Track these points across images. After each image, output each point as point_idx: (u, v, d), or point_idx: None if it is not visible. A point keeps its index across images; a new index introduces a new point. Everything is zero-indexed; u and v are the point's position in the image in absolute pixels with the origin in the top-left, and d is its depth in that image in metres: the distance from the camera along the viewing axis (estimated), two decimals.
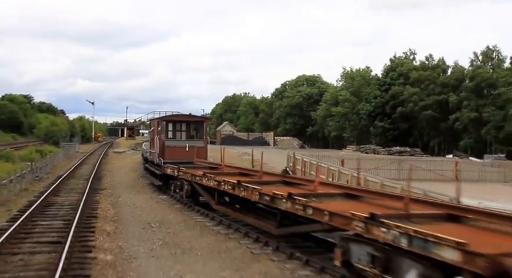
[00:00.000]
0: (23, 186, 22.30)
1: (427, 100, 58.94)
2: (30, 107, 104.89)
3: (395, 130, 64.11)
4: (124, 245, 11.96)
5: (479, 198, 16.33)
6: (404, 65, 66.70)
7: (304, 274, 9.74)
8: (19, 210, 15.98)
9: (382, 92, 67.37)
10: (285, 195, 10.65)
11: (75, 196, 19.65)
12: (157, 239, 12.76)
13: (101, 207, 17.55)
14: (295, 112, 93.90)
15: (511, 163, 39.10)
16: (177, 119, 23.93)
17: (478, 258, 6.05)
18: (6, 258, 10.03)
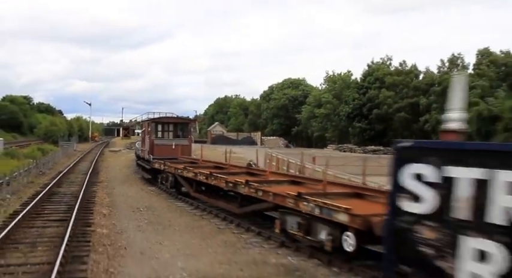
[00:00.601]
0: (30, 179, 24.62)
1: (401, 103, 61.90)
2: (29, 108, 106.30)
3: (372, 130, 67.03)
4: (117, 223, 14.40)
5: None
6: (380, 70, 69.68)
7: (255, 240, 12.31)
8: (28, 197, 18.34)
9: (360, 95, 70.27)
10: (244, 181, 13.24)
11: (75, 187, 22.00)
12: (143, 219, 15.23)
13: (98, 196, 19.96)
14: (281, 114, 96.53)
15: None
16: (165, 121, 26.38)
17: (357, 218, 8.67)
18: (25, 230, 12.47)
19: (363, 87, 70.48)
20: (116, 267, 9.75)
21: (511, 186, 3.07)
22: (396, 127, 63.69)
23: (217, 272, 9.63)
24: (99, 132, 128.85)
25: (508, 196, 3.08)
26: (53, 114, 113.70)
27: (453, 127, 6.48)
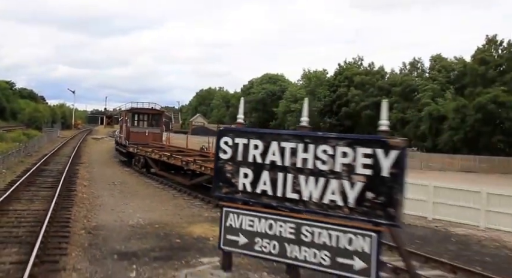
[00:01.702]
0: (20, 159, 28.34)
1: (367, 101, 66.49)
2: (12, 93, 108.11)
3: (341, 126, 71.55)
4: (94, 191, 18.42)
5: None
6: (349, 69, 74.19)
7: (198, 203, 16.52)
8: (21, 172, 22.15)
9: (331, 92, 74.75)
10: (193, 160, 17.38)
11: (60, 166, 25.81)
12: (116, 190, 19.27)
13: (80, 173, 23.87)
14: (259, 108, 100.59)
15: (421, 154, 46.83)
16: (141, 111, 30.24)
17: None
18: (23, 192, 16.42)
19: (334, 85, 74.99)
20: (92, 215, 13.82)
21: (254, 147, 7.38)
22: (363, 124, 68.30)
23: (164, 219, 13.76)
24: (82, 120, 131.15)
25: (254, 150, 7.39)
26: (36, 100, 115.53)
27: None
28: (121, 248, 10.26)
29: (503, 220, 14.24)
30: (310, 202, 7.19)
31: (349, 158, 6.91)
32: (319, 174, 7.12)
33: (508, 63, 47.40)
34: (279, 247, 7.35)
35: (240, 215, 7.76)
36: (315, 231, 7.06)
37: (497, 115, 42.61)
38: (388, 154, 6.66)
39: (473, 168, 40.88)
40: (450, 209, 15.41)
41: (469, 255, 11.53)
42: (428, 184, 16.25)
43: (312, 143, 7.30)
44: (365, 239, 6.65)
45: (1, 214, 12.43)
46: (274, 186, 7.50)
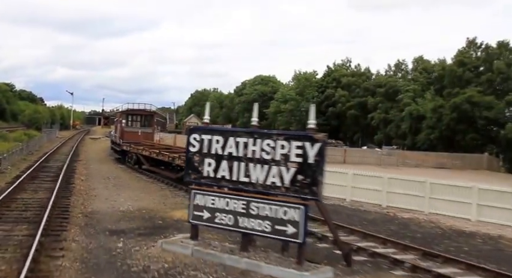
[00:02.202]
0: (22, 157, 30.09)
1: (352, 101, 68.55)
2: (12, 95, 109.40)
3: (328, 125, 73.54)
4: (91, 184, 20.23)
5: None
6: (337, 71, 76.26)
7: (182, 194, 18.31)
8: (25, 168, 23.94)
9: (319, 93, 76.77)
10: (178, 156, 19.26)
11: (60, 163, 27.57)
12: (110, 183, 21.09)
13: (78, 169, 25.67)
14: (251, 108, 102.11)
15: (399, 152, 48.81)
16: (134, 112, 32.05)
17: None
18: (28, 184, 18.23)
19: (322, 86, 77.02)
20: (88, 203, 15.67)
21: (216, 142, 9.31)
22: (348, 124, 70.39)
23: (150, 206, 15.62)
24: (80, 121, 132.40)
25: (216, 144, 9.32)
26: (35, 101, 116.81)
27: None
28: (112, 227, 12.12)
29: (443, 206, 16.25)
30: (257, 184, 9.13)
31: (286, 149, 8.85)
32: (264, 162, 9.05)
33: (484, 64, 49.53)
34: (234, 219, 9.28)
35: (205, 195, 9.69)
36: (260, 206, 8.99)
37: (471, 114, 44.69)
38: (313, 146, 8.60)
39: (447, 164, 42.92)
40: (401, 197, 17.40)
41: (405, 232, 13.49)
42: (383, 176, 18.24)
43: (259, 138, 9.25)
44: (295, 211, 8.59)
45: (11, 201, 14.27)
46: (230, 172, 9.44)
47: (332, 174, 19.26)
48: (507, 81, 44.86)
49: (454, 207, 15.99)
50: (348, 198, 18.78)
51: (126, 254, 9.60)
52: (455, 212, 15.90)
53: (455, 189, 16.37)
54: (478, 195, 15.53)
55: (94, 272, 8.34)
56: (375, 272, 9.35)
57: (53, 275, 7.93)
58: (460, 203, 15.87)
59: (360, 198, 18.49)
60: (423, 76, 55.03)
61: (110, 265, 8.84)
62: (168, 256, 9.38)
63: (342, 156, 41.58)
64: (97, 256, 9.42)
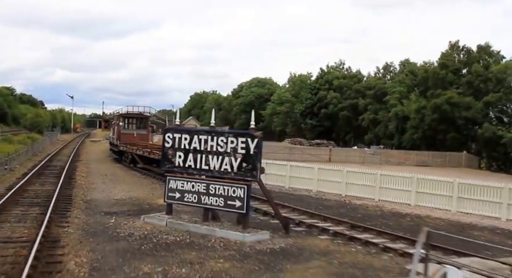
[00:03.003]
0: (28, 158, 33.24)
1: (344, 103, 71.54)
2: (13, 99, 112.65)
3: (321, 126, 76.66)
4: (90, 180, 23.32)
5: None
6: (330, 74, 79.33)
7: None
8: (31, 167, 27.04)
9: (312, 95, 79.80)
10: None
11: (62, 163, 30.69)
12: (107, 179, 24.17)
13: (79, 168, 28.77)
14: (248, 110, 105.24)
15: (383, 151, 51.74)
16: (130, 116, 35.12)
17: None
18: (36, 179, 21.34)
19: (315, 88, 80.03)
20: (87, 194, 18.74)
21: (184, 139, 12.33)
22: (340, 124, 73.38)
23: (140, 196, 18.67)
24: (80, 124, 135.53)
25: (184, 141, 12.38)
26: (35, 105, 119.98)
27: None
28: (106, 210, 15.17)
29: (389, 194, 19.26)
30: (214, 170, 12.19)
31: (234, 144, 11.91)
32: (219, 154, 12.11)
33: (465, 67, 52.48)
34: (197, 197, 12.34)
35: (176, 180, 12.75)
36: (216, 187, 12.04)
37: (451, 115, 47.58)
38: (253, 141, 11.67)
39: (428, 162, 45.80)
40: (357, 187, 20.43)
41: (350, 214, 16.52)
42: (342, 170, 21.28)
43: (215, 136, 12.32)
44: (241, 190, 11.64)
45: (24, 191, 17.38)
46: (195, 162, 12.50)
47: (300, 169, 22.49)
48: (485, 83, 47.76)
49: (398, 194, 19.01)
50: (314, 189, 21.82)
51: (117, 226, 12.65)
52: (398, 198, 18.94)
53: (399, 179, 19.39)
54: (417, 184, 18.54)
55: (91, 236, 11.38)
56: (304, 236, 12.39)
57: (61, 237, 10.99)
58: (402, 191, 18.90)
59: (324, 189, 21.52)
60: (409, 78, 57.96)
61: (104, 232, 11.89)
62: (148, 226, 12.44)
63: (328, 155, 44.55)
64: (94, 227, 12.47)
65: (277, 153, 43.28)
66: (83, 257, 9.47)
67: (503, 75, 46.32)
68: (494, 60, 50.42)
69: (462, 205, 17.29)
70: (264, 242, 11.28)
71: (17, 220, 12.65)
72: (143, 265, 9.14)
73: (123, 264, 9.15)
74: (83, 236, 11.29)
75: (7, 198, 15.22)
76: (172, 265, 9.18)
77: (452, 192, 17.48)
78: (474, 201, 17.00)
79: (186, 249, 10.49)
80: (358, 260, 10.34)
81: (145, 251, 10.24)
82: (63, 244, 10.43)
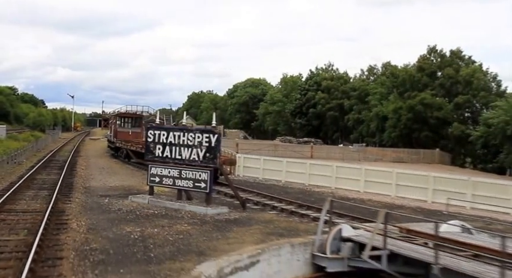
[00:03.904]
0: (33, 153, 36.37)
1: (331, 103, 74.70)
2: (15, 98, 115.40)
3: (310, 125, 79.81)
4: (89, 172, 26.47)
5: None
6: (319, 75, 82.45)
7: None
8: (37, 161, 30.18)
9: (302, 96, 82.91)
10: None
11: (64, 158, 33.82)
12: (104, 171, 27.31)
13: (79, 162, 31.91)
14: (242, 109, 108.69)
15: (364, 148, 54.93)
16: (126, 115, 38.25)
17: None
18: (42, 170, 24.49)
19: (304, 89, 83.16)
20: (86, 182, 21.89)
21: (162, 135, 15.47)
22: (328, 123, 76.55)
23: (131, 184, 21.80)
24: (81, 123, 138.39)
25: (162, 136, 15.53)
26: (37, 104, 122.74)
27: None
28: (102, 193, 18.30)
29: (344, 182, 22.44)
30: (185, 159, 15.36)
31: (200, 139, 15.08)
32: (189, 146, 15.28)
33: (439, 70, 55.69)
34: (173, 181, 15.50)
35: (156, 167, 15.90)
36: (187, 172, 15.21)
37: (424, 115, 50.79)
38: (214, 136, 14.86)
39: (404, 159, 49.01)
40: (318, 177, 23.60)
41: (305, 198, 19.66)
42: (306, 162, 24.46)
43: (186, 132, 15.48)
44: (205, 174, 14.82)
45: (32, 179, 20.56)
46: (171, 153, 15.65)
47: (272, 162, 25.65)
48: (456, 85, 50.94)
49: (350, 183, 22.20)
50: (283, 179, 24.97)
51: (109, 204, 15.79)
52: (351, 186, 22.11)
53: (353, 170, 22.58)
54: (365, 174, 21.73)
55: (89, 210, 14.53)
56: (257, 212, 15.57)
57: (66, 209, 14.15)
58: (354, 180, 22.09)
59: (291, 179, 24.68)
60: (389, 80, 61.08)
61: (98, 208, 15.04)
62: (134, 204, 15.60)
63: (310, 152, 47.73)
64: (91, 204, 15.62)
65: (262, 150, 46.46)
66: (82, 221, 12.63)
67: (471, 78, 49.49)
68: (465, 64, 53.60)
69: (400, 191, 20.47)
70: (222, 214, 14.46)
71: (30, 198, 15.83)
72: (126, 227, 12.30)
73: (111, 226, 12.31)
74: (82, 210, 14.45)
75: (20, 183, 18.41)
76: (148, 227, 12.34)
77: (392, 180, 20.67)
78: (409, 187, 20.18)
79: (161, 218, 13.66)
80: (290, 225, 13.52)
81: (129, 219, 13.40)
82: (67, 214, 13.59)
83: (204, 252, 10.15)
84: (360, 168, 22.24)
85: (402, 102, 53.06)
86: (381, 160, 48.49)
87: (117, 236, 11.22)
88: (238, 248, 10.51)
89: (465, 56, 54.89)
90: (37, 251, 8.88)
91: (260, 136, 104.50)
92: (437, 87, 52.42)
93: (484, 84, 49.46)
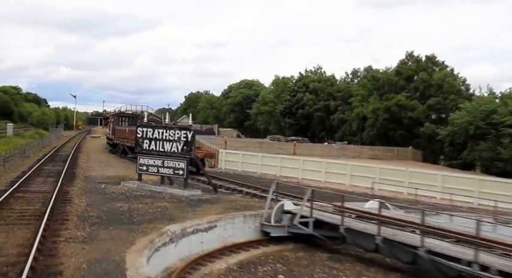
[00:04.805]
0: (39, 148, 39.33)
1: (318, 104, 77.74)
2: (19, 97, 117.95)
3: (298, 125, 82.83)
4: (89, 165, 29.46)
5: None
6: (307, 77, 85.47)
7: None
8: (43, 155, 33.14)
9: (291, 97, 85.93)
10: None
11: (67, 153, 36.79)
12: (103, 164, 30.32)
13: (80, 156, 34.90)
14: (236, 109, 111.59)
15: (346, 146, 58.04)
16: (123, 115, 41.18)
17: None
18: (48, 163, 27.48)
19: (294, 91, 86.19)
20: (86, 172, 24.90)
21: (149, 131, 18.49)
22: (315, 123, 79.61)
23: (126, 174, 24.77)
24: (82, 121, 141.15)
25: (149, 133, 18.54)
26: (40, 103, 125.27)
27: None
28: (99, 181, 21.30)
29: (310, 174, 25.50)
30: (167, 151, 18.41)
31: (180, 135, 18.14)
32: (170, 140, 18.33)
33: (415, 74, 58.72)
34: (157, 169, 18.56)
35: (144, 158, 18.96)
36: (168, 162, 18.27)
37: (399, 115, 53.85)
38: (190, 132, 17.92)
39: (379, 156, 52.13)
40: (288, 169, 26.66)
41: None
42: (277, 157, 27.52)
43: (169, 129, 18.52)
44: (183, 163, 17.88)
45: (41, 169, 23.58)
46: (156, 146, 18.69)
47: (250, 156, 28.67)
48: (428, 88, 53.97)
49: (314, 174, 25.27)
50: (258, 171, 28.03)
51: (105, 188, 18.80)
52: (314, 177, 25.18)
53: (317, 164, 25.65)
54: (326, 166, 24.80)
55: (88, 192, 17.54)
56: (226, 194, 18.63)
57: (69, 191, 17.17)
58: (316, 172, 25.16)
59: (266, 171, 27.75)
60: (370, 83, 64.12)
61: (96, 191, 18.05)
62: (125, 188, 18.62)
63: (292, 149, 50.78)
64: (90, 188, 18.62)
65: (249, 147, 49.51)
66: (83, 199, 15.66)
67: (443, 82, 52.56)
68: (439, 69, 56.68)
69: (353, 180, 23.55)
70: (196, 196, 17.51)
71: (40, 183, 18.86)
72: (117, 203, 15.33)
73: (106, 203, 15.34)
74: (83, 192, 17.47)
75: (31, 172, 21.42)
76: (134, 204, 15.38)
77: (347, 171, 23.75)
78: (360, 177, 23.25)
79: (146, 198, 16.70)
80: (249, 204, 16.60)
81: (120, 199, 16.43)
82: (71, 194, 16.62)
83: (174, 219, 13.20)
84: (322, 161, 25.31)
85: (380, 104, 56.12)
86: (359, 157, 51.54)
87: (109, 209, 14.26)
88: (201, 217, 13.58)
89: (439, 61, 57.96)
90: (49, 216, 11.91)
91: (253, 134, 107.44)
92: (412, 90, 55.45)
93: (454, 87, 52.52)
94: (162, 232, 11.31)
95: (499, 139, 40.35)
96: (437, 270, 10.30)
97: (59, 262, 8.39)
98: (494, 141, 40.56)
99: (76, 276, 7.73)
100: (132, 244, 10.02)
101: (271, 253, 13.35)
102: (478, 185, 19.66)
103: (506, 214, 15.79)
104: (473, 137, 42.77)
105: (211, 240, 12.89)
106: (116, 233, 10.98)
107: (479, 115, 42.67)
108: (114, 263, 8.53)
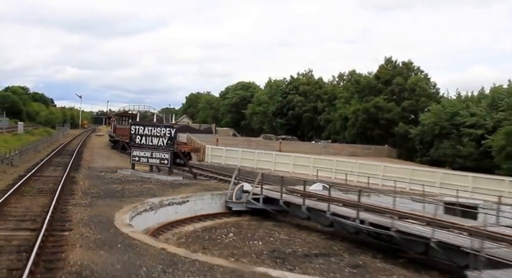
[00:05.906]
0: (48, 145, 42.92)
1: (307, 106, 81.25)
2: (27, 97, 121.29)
3: (289, 125, 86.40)
4: (92, 158, 33.02)
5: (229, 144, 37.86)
6: (298, 80, 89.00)
7: None
8: (52, 150, 36.70)
9: (282, 98, 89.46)
10: None
11: (73, 149, 40.33)
12: (104, 158, 33.88)
13: (85, 151, 38.47)
14: (233, 110, 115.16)
15: (329, 144, 61.52)
16: (124, 115, 44.79)
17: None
18: (57, 157, 31.06)
19: (285, 93, 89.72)
20: (90, 164, 28.46)
21: (140, 129, 22.01)
22: (304, 123, 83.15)
23: (123, 165, 28.19)
24: (88, 120, 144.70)
25: (140, 130, 22.10)
26: (47, 103, 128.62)
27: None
28: (100, 170, 24.83)
29: (281, 166, 29.03)
30: (155, 145, 22.01)
31: (165, 131, 21.76)
32: (157, 136, 21.94)
33: (392, 79, 62.20)
34: (147, 159, 22.16)
35: (137, 150, 22.54)
36: (156, 154, 21.88)
37: (376, 116, 57.34)
38: (173, 129, 21.56)
39: (358, 153, 55.60)
40: (263, 162, 30.17)
41: (245, 175, 26.18)
42: (254, 152, 31.05)
43: (157, 127, 22.13)
44: (168, 154, 21.49)
45: (51, 161, 27.17)
46: (146, 141, 22.29)
47: (232, 151, 32.21)
48: (403, 92, 57.46)
49: (285, 166, 28.80)
50: (238, 164, 31.47)
51: (104, 175, 22.35)
52: (284, 168, 28.71)
53: (287, 157, 29.17)
54: (294, 159, 28.32)
55: (90, 178, 21.08)
56: (203, 180, 22.20)
57: (75, 177, 20.74)
58: (286, 164, 28.68)
59: (245, 164, 31.23)
60: (353, 86, 67.64)
61: (97, 177, 21.60)
62: (120, 175, 22.18)
63: (278, 146, 54.29)
64: (92, 175, 22.18)
65: (238, 145, 53.04)
66: (86, 182, 19.22)
67: (415, 86, 56.07)
68: (414, 73, 60.18)
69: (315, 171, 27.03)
70: (178, 181, 21.06)
71: (52, 171, 22.43)
72: (113, 185, 18.89)
73: (104, 184, 18.89)
74: (86, 177, 21.04)
75: (43, 163, 24.99)
76: (127, 185, 18.93)
77: (310, 163, 27.27)
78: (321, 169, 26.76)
79: (137, 182, 20.25)
80: (219, 187, 20.15)
81: (116, 182, 19.97)
82: (77, 178, 20.18)
83: (156, 195, 16.76)
84: (290, 155, 28.84)
85: (360, 105, 59.61)
86: (339, 154, 55.02)
87: (106, 189, 17.82)
88: (177, 195, 17.15)
89: (414, 67, 61.45)
90: (60, 191, 15.46)
91: (248, 134, 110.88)
92: (389, 93, 58.93)
93: (425, 91, 56.02)
94: (144, 202, 14.88)
95: (460, 138, 43.84)
96: (341, 228, 13.89)
97: (69, 215, 11.97)
98: (456, 139, 44.06)
99: (81, 222, 11.29)
100: (121, 208, 13.57)
101: (230, 222, 16.92)
102: (410, 173, 23.24)
103: (424, 195, 19.30)
104: (439, 136, 46.27)
105: (184, 211, 16.44)
106: (110, 202, 14.54)
107: (445, 116, 46.16)
108: (106, 218, 12.08)
